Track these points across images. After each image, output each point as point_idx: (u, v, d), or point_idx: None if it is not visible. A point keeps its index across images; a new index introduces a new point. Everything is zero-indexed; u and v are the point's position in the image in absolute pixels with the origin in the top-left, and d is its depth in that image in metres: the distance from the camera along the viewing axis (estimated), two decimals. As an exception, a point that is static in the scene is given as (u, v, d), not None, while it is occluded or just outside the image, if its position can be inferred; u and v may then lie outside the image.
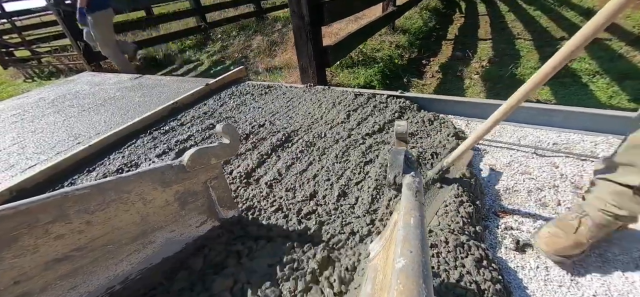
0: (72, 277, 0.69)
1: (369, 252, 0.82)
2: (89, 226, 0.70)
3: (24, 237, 0.61)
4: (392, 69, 3.11)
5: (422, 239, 0.48)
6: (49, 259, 0.65)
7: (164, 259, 0.86)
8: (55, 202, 0.65)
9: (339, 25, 4.65)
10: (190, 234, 0.91)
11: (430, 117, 1.72)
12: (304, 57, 2.15)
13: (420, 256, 0.44)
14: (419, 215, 0.53)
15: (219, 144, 0.93)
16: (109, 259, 0.75)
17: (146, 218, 0.80)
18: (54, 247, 0.65)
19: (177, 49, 5.59)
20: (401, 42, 4.04)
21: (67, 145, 1.99)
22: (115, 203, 0.74)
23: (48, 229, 0.64)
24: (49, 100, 3.20)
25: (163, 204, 0.83)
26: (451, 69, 3.10)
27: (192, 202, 0.90)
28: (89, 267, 0.72)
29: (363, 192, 1.16)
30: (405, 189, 0.62)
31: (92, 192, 0.70)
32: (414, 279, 0.40)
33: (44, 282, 0.65)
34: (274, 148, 1.50)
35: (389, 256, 0.59)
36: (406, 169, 0.67)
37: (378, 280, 0.63)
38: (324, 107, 1.87)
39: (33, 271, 0.64)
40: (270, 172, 1.32)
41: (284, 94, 2.18)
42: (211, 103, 2.19)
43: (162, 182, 0.82)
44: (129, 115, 2.31)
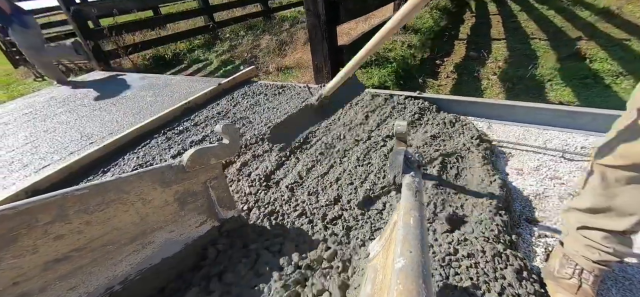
0: (72, 277, 0.69)
1: (368, 252, 0.82)
2: (89, 226, 0.70)
3: (23, 237, 0.61)
4: (405, 69, 3.06)
5: (422, 239, 0.48)
6: (48, 260, 0.65)
7: (163, 259, 0.85)
8: (55, 202, 0.65)
9: (349, 24, 4.60)
10: (190, 234, 0.91)
11: (451, 119, 1.67)
12: (318, 57, 2.11)
13: (420, 256, 0.44)
14: (419, 215, 0.53)
15: (218, 144, 0.92)
16: (108, 259, 0.74)
17: (145, 218, 0.80)
18: (53, 247, 0.65)
19: (186, 49, 5.59)
20: (413, 42, 3.98)
21: (80, 145, 1.97)
22: (114, 203, 0.74)
23: (47, 230, 0.64)
24: (60, 99, 3.20)
25: (162, 204, 0.83)
26: (466, 69, 3.04)
27: (192, 203, 0.90)
28: (88, 268, 0.71)
29: (390, 197, 1.12)
30: (404, 189, 0.61)
31: (91, 192, 0.70)
32: (414, 279, 0.40)
33: (43, 282, 0.65)
34: (292, 150, 1.46)
35: (388, 256, 0.60)
36: (406, 169, 0.66)
37: (378, 280, 0.63)
38: (340, 108, 1.83)
39: (32, 272, 0.63)
40: (291, 175, 1.28)
41: (298, 94, 2.14)
42: (224, 103, 2.17)
43: (162, 183, 0.82)
44: (141, 115, 2.29)
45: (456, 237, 0.94)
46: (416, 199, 0.58)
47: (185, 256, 0.90)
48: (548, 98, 2.25)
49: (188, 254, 0.91)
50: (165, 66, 5.01)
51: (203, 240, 0.94)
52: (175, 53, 5.42)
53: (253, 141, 1.58)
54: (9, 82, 6.15)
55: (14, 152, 2.05)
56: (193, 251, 0.92)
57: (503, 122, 1.70)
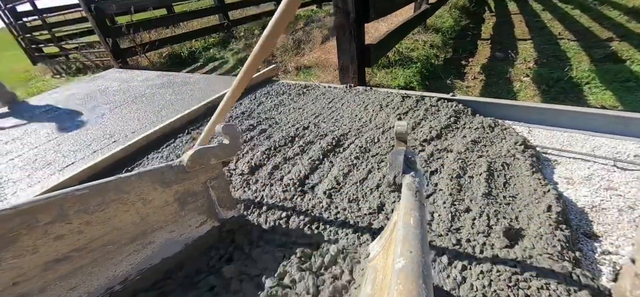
0: (72, 277, 0.69)
1: (368, 252, 0.81)
2: (89, 226, 0.70)
3: (23, 237, 0.61)
4: (429, 69, 2.97)
5: (422, 239, 0.48)
6: (48, 260, 0.65)
7: (163, 259, 0.85)
8: (55, 202, 0.65)
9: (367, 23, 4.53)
10: (190, 234, 0.91)
11: (490, 123, 1.58)
12: (345, 56, 2.05)
13: (420, 256, 0.44)
14: (419, 215, 0.53)
15: (218, 144, 0.93)
16: (109, 259, 0.74)
17: (146, 218, 0.80)
18: (53, 247, 0.65)
19: (201, 47, 5.60)
20: (435, 41, 3.87)
21: (103, 143, 1.95)
22: (114, 203, 0.74)
23: (48, 230, 0.64)
24: (80, 96, 3.22)
25: (163, 204, 0.83)
26: (493, 70, 2.93)
27: (192, 203, 0.90)
28: (88, 268, 0.71)
29: (438, 207, 1.04)
30: (405, 189, 0.61)
31: (91, 192, 0.70)
32: (414, 279, 0.40)
33: (43, 282, 0.65)
34: (325, 153, 1.40)
35: (388, 256, 0.59)
36: (406, 169, 0.67)
37: (378, 280, 0.63)
38: (371, 110, 1.76)
39: (32, 272, 0.63)
40: (327, 180, 1.22)
41: (323, 94, 2.08)
42: (247, 103, 2.12)
43: (162, 183, 0.82)
44: (163, 114, 2.27)
45: (518, 253, 0.86)
46: (416, 199, 0.57)
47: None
48: (588, 102, 2.14)
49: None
50: (181, 64, 5.02)
51: (203, 240, 0.94)
52: (191, 51, 5.43)
53: (282, 143, 1.52)
54: (28, 78, 6.28)
55: (37, 149, 2.05)
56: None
57: (545, 127, 1.60)
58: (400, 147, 0.74)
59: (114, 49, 4.24)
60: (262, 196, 1.18)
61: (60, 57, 6.06)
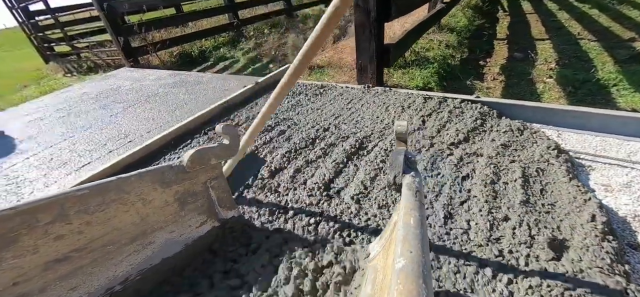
0: (72, 278, 0.69)
1: (368, 252, 0.81)
2: (89, 226, 0.70)
3: (23, 237, 0.61)
4: (446, 69, 2.91)
5: (422, 239, 0.48)
6: (48, 260, 0.65)
7: (163, 259, 0.85)
8: (56, 202, 0.65)
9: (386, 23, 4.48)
10: (190, 234, 0.91)
11: (519, 126, 1.52)
12: (364, 56, 2.00)
13: (420, 256, 0.44)
14: (419, 215, 0.53)
15: (218, 144, 0.93)
16: (109, 259, 0.75)
17: (146, 219, 0.80)
18: (53, 247, 0.65)
19: (211, 46, 5.60)
20: (450, 41, 3.81)
21: (118, 143, 1.94)
22: (115, 203, 0.74)
23: (48, 230, 0.64)
24: (93, 95, 3.23)
25: (163, 204, 0.83)
26: (513, 71, 2.85)
27: (192, 203, 0.90)
28: (88, 268, 0.71)
29: (474, 215, 1.00)
30: (405, 189, 0.62)
31: (92, 192, 0.70)
32: (414, 279, 0.40)
33: (43, 283, 0.65)
34: (348, 156, 1.36)
35: (388, 256, 0.59)
36: (406, 169, 0.67)
37: (378, 280, 0.63)
38: (392, 111, 1.72)
39: (32, 272, 0.64)
40: (353, 185, 1.18)
41: (341, 95, 2.04)
42: (262, 103, 2.09)
43: (162, 183, 0.83)
44: (177, 114, 2.25)
45: (569, 267, 0.81)
46: (416, 199, 0.58)
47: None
48: (618, 104, 2.06)
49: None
50: (192, 63, 5.02)
51: (203, 240, 0.94)
52: (201, 50, 5.44)
53: (303, 145, 1.48)
54: (39, 77, 6.35)
55: (52, 148, 2.04)
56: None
57: (575, 130, 1.54)
58: (401, 147, 0.75)
59: (126, 47, 4.26)
60: (286, 200, 1.15)
61: (71, 55, 6.12)
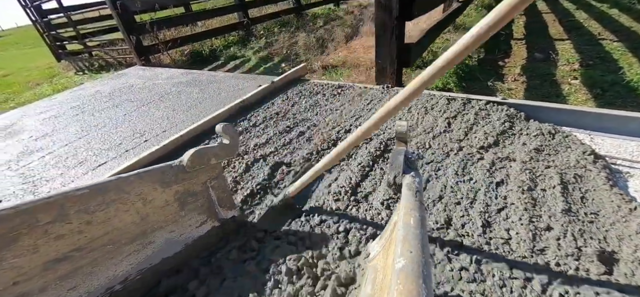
0: (72, 277, 0.70)
1: (369, 252, 0.81)
2: (89, 226, 0.70)
3: (23, 237, 0.62)
4: (464, 70, 2.85)
5: (422, 239, 0.48)
6: (48, 260, 0.65)
7: (163, 259, 0.85)
8: (56, 202, 0.65)
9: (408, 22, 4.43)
10: (190, 234, 0.91)
11: (549, 129, 1.46)
12: (384, 56, 1.96)
13: (420, 256, 0.44)
14: (419, 215, 0.53)
15: (218, 144, 0.93)
16: (109, 259, 0.75)
17: (146, 218, 0.81)
18: (53, 247, 0.66)
19: (221, 45, 5.61)
20: (466, 41, 3.73)
21: (134, 142, 1.92)
22: (115, 203, 0.74)
23: (48, 230, 0.64)
24: (106, 93, 3.24)
25: (163, 204, 0.84)
26: (535, 71, 2.78)
27: (192, 203, 0.91)
28: (88, 268, 0.72)
29: (513, 224, 0.95)
30: (405, 189, 0.62)
31: (91, 192, 0.70)
32: (414, 279, 0.40)
33: (43, 282, 0.65)
34: (373, 159, 1.32)
35: (388, 256, 0.60)
36: (406, 169, 0.67)
37: (378, 280, 0.63)
38: (415, 113, 1.67)
39: (32, 271, 0.64)
40: (382, 189, 1.14)
41: (360, 95, 2.00)
42: (279, 103, 2.06)
43: (162, 183, 0.83)
44: (192, 113, 2.23)
45: (623, 282, 0.76)
46: (416, 199, 0.58)
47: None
48: (650, 108, 1.98)
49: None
50: (203, 62, 5.03)
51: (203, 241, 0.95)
52: (212, 49, 5.44)
53: (325, 147, 1.45)
54: (51, 74, 6.44)
55: (67, 147, 2.04)
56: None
57: (609, 135, 1.47)
58: (401, 147, 0.74)
59: (138, 46, 4.27)
60: (312, 205, 1.11)
61: (83, 54, 6.18)
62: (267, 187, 1.23)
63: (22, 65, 8.61)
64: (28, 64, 8.45)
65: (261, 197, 1.18)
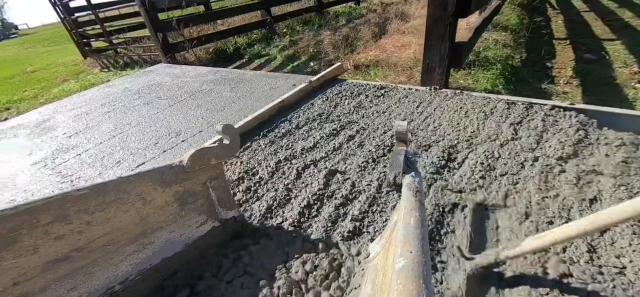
0: (72, 277, 0.70)
1: (369, 252, 0.81)
2: (89, 226, 0.71)
3: (23, 237, 0.62)
4: (510, 71, 2.69)
5: (422, 239, 0.48)
6: (48, 260, 0.66)
7: (163, 259, 0.85)
8: (56, 202, 0.65)
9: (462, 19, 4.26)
10: (190, 234, 0.92)
11: (632, 139, 1.31)
12: (433, 55, 1.84)
13: (420, 256, 0.44)
14: (419, 215, 0.53)
15: (219, 144, 0.93)
16: (109, 259, 0.75)
17: (146, 219, 0.81)
18: (53, 247, 0.66)
19: (245, 43, 5.59)
20: (506, 40, 3.55)
21: (171, 142, 1.88)
22: (115, 203, 0.74)
23: (48, 230, 0.65)
24: (134, 90, 3.24)
25: (163, 204, 0.84)
26: (589, 74, 2.59)
27: (192, 203, 0.91)
28: (88, 268, 0.72)
29: (624, 250, 0.82)
30: (405, 189, 0.62)
31: (92, 192, 0.70)
32: (414, 279, 0.40)
33: (43, 282, 0.66)
34: (437, 169, 1.21)
35: (388, 256, 0.60)
36: (406, 170, 0.67)
37: (378, 280, 0.63)
38: (474, 117, 1.55)
39: (33, 272, 0.64)
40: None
41: (406, 97, 1.89)
42: (320, 103, 1.97)
43: (162, 183, 0.83)
44: (226, 113, 2.18)
45: None
46: (416, 199, 0.58)
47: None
48: None
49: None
50: (227, 60, 5.02)
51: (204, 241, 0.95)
52: (236, 47, 5.44)
53: (380, 153, 1.35)
54: (77, 71, 6.60)
55: (103, 145, 2.02)
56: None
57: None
58: (401, 147, 0.74)
59: (164, 44, 4.29)
60: (375, 220, 1.02)
61: (108, 51, 6.31)
62: (323, 197, 1.15)
63: (49, 61, 8.90)
64: (55, 61, 8.73)
65: (319, 209, 1.09)
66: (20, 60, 10.53)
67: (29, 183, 1.71)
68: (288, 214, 1.08)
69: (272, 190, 1.21)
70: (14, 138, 2.47)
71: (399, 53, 3.38)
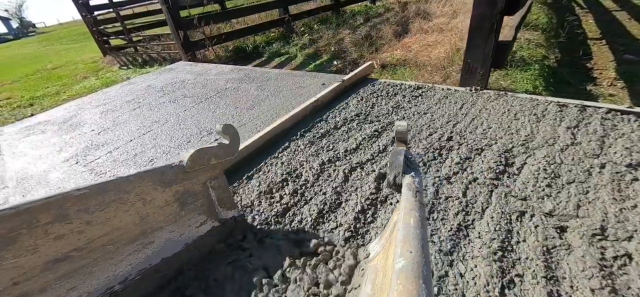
0: (72, 277, 0.70)
1: (369, 252, 0.82)
2: (89, 226, 0.71)
3: (23, 237, 0.62)
4: (548, 72, 2.60)
5: (422, 239, 0.49)
6: (48, 260, 0.66)
7: (163, 259, 0.85)
8: (56, 202, 0.66)
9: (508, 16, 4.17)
10: (190, 234, 0.92)
11: None
12: (476, 54, 1.77)
13: (420, 257, 0.45)
14: (419, 215, 0.54)
15: (218, 144, 0.93)
16: (109, 259, 0.76)
17: (146, 218, 0.81)
18: (53, 247, 0.66)
19: (263, 42, 5.59)
20: (539, 40, 3.44)
21: (203, 140, 1.86)
22: (115, 203, 0.75)
23: (48, 230, 0.65)
24: (158, 88, 3.26)
25: (163, 204, 0.84)
26: (634, 75, 2.47)
27: (192, 203, 0.91)
28: (88, 268, 0.72)
29: None
30: (405, 190, 0.62)
31: (91, 192, 0.71)
32: (414, 279, 0.41)
33: (43, 282, 0.66)
34: (497, 175, 1.15)
35: (388, 256, 0.60)
36: (406, 170, 0.67)
37: (378, 281, 0.63)
38: (526, 120, 1.48)
39: (32, 272, 0.64)
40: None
41: (446, 97, 1.82)
42: (355, 103, 1.92)
43: (162, 183, 0.83)
44: (256, 111, 2.15)
45: None
46: (416, 199, 0.58)
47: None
48: None
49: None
50: (246, 59, 5.03)
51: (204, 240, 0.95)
52: (255, 46, 5.44)
53: (431, 157, 1.29)
54: (97, 68, 6.72)
55: (133, 142, 2.02)
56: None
57: None
58: (401, 147, 0.74)
59: (185, 41, 4.31)
60: (438, 228, 0.96)
61: (127, 48, 6.40)
62: (376, 201, 1.10)
63: (68, 59, 9.11)
64: (73, 58, 8.92)
65: (374, 214, 1.05)
66: (39, 58, 10.82)
67: (62, 180, 1.71)
68: (341, 219, 1.04)
69: (320, 193, 1.17)
70: (42, 134, 2.50)
71: (425, 53, 3.31)
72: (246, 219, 1.10)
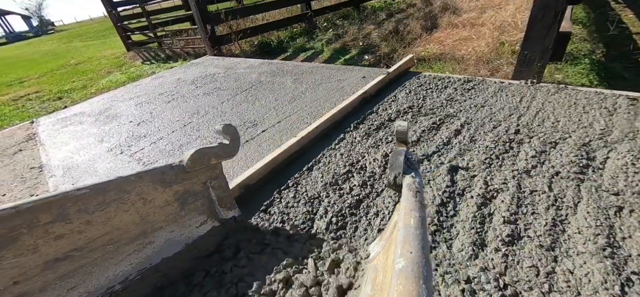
0: (72, 277, 0.70)
1: (369, 252, 0.82)
2: (89, 225, 0.71)
3: (24, 237, 0.62)
4: (599, 67, 2.50)
5: (422, 239, 0.49)
6: (48, 259, 0.66)
7: (163, 259, 0.85)
8: (56, 202, 0.66)
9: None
10: (190, 234, 0.92)
11: None
12: (535, 45, 1.71)
13: (421, 257, 0.45)
14: (420, 216, 0.54)
15: (219, 144, 0.94)
16: (109, 259, 0.76)
17: (146, 218, 0.81)
18: (54, 247, 0.67)
19: (286, 37, 5.59)
20: (582, 34, 3.32)
21: (249, 132, 1.85)
22: (115, 203, 0.75)
23: (48, 229, 0.65)
24: (188, 81, 3.29)
25: (163, 204, 0.84)
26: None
27: (192, 203, 0.91)
28: (88, 267, 0.72)
29: None
30: (405, 190, 0.62)
31: (92, 192, 0.71)
32: (414, 279, 0.41)
33: (43, 282, 0.66)
34: (580, 169, 1.09)
35: (389, 256, 0.60)
36: (406, 170, 0.67)
37: (378, 281, 0.63)
38: (597, 114, 1.41)
39: (33, 271, 0.65)
40: (590, 233, 0.91)
41: (500, 91, 1.77)
42: (403, 96, 1.89)
43: (162, 182, 0.83)
44: (299, 103, 2.13)
45: None
46: (417, 200, 0.58)
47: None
48: None
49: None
50: (270, 53, 5.03)
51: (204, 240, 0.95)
52: (279, 41, 5.44)
53: (501, 150, 1.25)
54: (120, 63, 6.85)
55: (176, 134, 2.03)
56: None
57: None
58: (401, 148, 0.74)
59: (212, 36, 4.34)
60: (530, 222, 0.92)
61: (151, 43, 6.50)
62: (454, 194, 1.06)
63: (89, 55, 9.32)
64: (95, 54, 9.12)
65: (455, 208, 1.01)
66: (61, 54, 11.12)
67: (110, 170, 1.73)
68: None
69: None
70: (80, 125, 2.54)
71: (460, 47, 3.23)
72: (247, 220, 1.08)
